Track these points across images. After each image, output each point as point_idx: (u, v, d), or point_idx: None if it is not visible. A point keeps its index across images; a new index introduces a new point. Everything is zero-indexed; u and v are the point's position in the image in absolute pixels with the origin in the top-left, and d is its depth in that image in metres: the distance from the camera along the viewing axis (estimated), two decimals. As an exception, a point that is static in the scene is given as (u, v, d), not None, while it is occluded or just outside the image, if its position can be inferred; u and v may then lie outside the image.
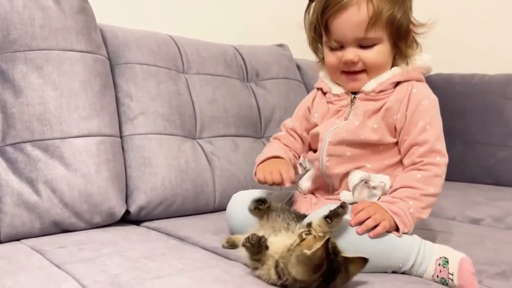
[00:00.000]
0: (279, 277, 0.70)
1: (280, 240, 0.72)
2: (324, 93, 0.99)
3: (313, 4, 0.95)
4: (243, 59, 1.51)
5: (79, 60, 1.06)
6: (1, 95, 0.97)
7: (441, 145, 0.88)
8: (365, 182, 0.87)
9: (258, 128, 1.45)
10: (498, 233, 1.13)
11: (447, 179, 1.95)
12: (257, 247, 0.70)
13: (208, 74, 1.38)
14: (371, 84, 0.92)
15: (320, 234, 0.72)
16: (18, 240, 0.93)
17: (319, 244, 0.66)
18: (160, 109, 1.22)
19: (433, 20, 0.92)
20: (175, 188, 1.16)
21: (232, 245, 0.87)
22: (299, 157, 1.02)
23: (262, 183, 0.89)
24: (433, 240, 1.02)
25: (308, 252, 0.66)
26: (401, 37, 0.91)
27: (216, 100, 1.35)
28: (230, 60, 1.46)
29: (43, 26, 1.03)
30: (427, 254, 0.79)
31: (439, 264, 0.77)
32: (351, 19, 0.88)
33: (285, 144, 1.01)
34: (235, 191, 1.02)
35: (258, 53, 1.57)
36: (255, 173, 0.92)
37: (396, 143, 0.91)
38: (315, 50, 0.99)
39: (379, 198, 0.87)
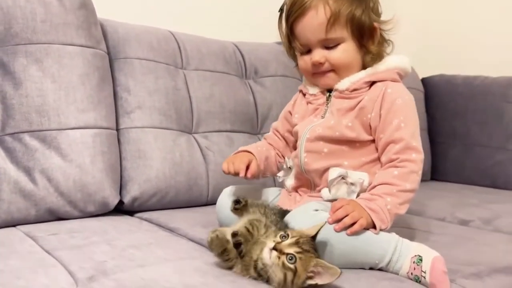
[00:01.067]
0: (260, 275, 0.73)
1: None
2: (304, 95, 1.03)
3: (283, 14, 0.99)
4: (242, 56, 1.54)
5: (79, 54, 1.10)
6: (1, 86, 1.01)
7: (417, 142, 0.90)
8: (343, 178, 0.89)
9: (254, 124, 1.48)
10: (484, 235, 1.14)
11: (443, 180, 1.99)
12: (219, 247, 0.73)
13: (207, 70, 1.41)
14: (344, 83, 0.95)
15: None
16: (14, 226, 0.97)
17: (320, 264, 0.71)
18: (157, 104, 1.25)
19: (397, 16, 0.95)
20: (169, 180, 1.20)
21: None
22: (283, 156, 1.06)
23: (225, 173, 0.96)
24: (416, 239, 1.05)
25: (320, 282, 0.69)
26: (365, 35, 0.94)
27: (213, 96, 1.38)
28: (229, 57, 1.49)
29: (44, 21, 1.07)
30: (403, 252, 0.82)
31: (413, 262, 0.80)
32: (311, 23, 0.92)
33: (270, 143, 1.08)
34: (228, 185, 1.05)
35: (258, 50, 1.59)
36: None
37: (373, 141, 0.94)
38: (292, 57, 1.04)
39: (358, 195, 0.89)
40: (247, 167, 0.95)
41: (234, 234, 0.75)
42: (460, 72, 2.01)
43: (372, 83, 0.94)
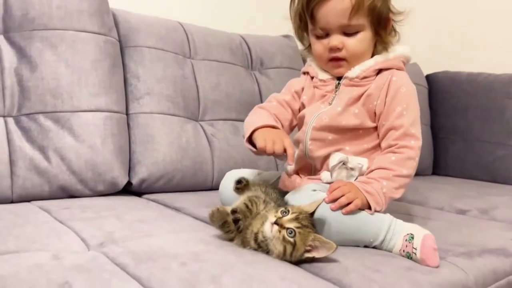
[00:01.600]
0: (260, 247, 0.77)
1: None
2: (311, 78, 1.05)
3: None
4: (249, 48, 1.58)
5: (91, 41, 1.15)
6: (18, 69, 1.06)
7: (416, 130, 0.93)
8: (343, 164, 0.93)
9: (259, 114, 1.52)
10: (479, 222, 1.18)
11: (444, 174, 2.02)
12: (219, 219, 0.78)
13: (214, 60, 1.46)
14: (355, 71, 0.98)
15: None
16: (28, 201, 1.03)
17: (317, 239, 0.75)
18: (165, 91, 1.30)
19: (409, 9, 0.98)
20: (175, 164, 1.24)
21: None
22: (286, 126, 1.03)
23: (261, 152, 0.86)
24: (415, 223, 1.08)
25: (317, 255, 0.74)
26: (381, 24, 0.97)
27: (220, 85, 1.43)
28: (235, 48, 1.53)
29: (59, 8, 1.12)
30: (397, 230, 0.86)
31: (405, 240, 0.84)
32: (336, 7, 0.93)
33: (275, 114, 1.01)
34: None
35: (264, 42, 1.64)
36: (249, 139, 0.91)
37: (375, 128, 0.97)
38: (301, 38, 1.05)
39: (356, 179, 0.93)
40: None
41: (233, 211, 0.80)
42: (465, 69, 2.04)
43: (379, 71, 0.97)
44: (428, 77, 2.10)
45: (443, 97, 2.05)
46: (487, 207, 1.34)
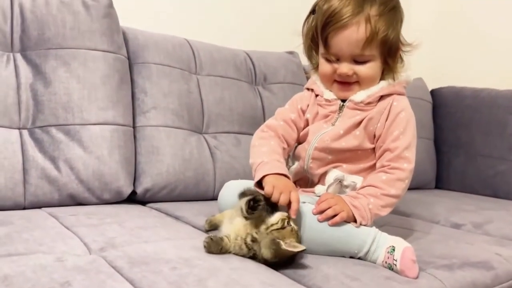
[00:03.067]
0: (249, 250, 0.83)
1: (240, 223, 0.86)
2: (316, 95, 1.07)
3: (314, 15, 1.01)
4: (252, 64, 1.65)
5: (101, 58, 1.23)
6: (34, 85, 1.15)
7: (409, 153, 0.98)
8: (340, 181, 0.98)
9: (261, 127, 1.59)
10: (470, 236, 1.21)
11: (447, 188, 2.05)
12: (216, 248, 0.83)
13: (218, 76, 1.53)
14: (360, 95, 1.01)
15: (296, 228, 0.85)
16: (39, 207, 1.10)
17: (293, 240, 0.81)
18: (171, 105, 1.37)
19: (418, 41, 1.02)
20: (178, 175, 1.31)
21: (215, 227, 1.00)
22: (292, 146, 1.07)
23: (268, 197, 0.88)
24: (403, 236, 1.13)
25: (283, 246, 0.79)
26: (391, 54, 1.00)
27: (223, 100, 1.49)
28: (240, 64, 1.60)
29: (72, 28, 1.20)
30: (380, 243, 0.90)
31: (388, 252, 0.88)
32: (350, 37, 0.95)
33: (282, 135, 1.04)
34: (232, 182, 1.14)
35: (268, 58, 1.70)
36: (259, 182, 0.92)
37: (373, 149, 1.02)
38: (309, 56, 1.09)
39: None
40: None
41: (257, 200, 0.84)
42: (469, 85, 2.07)
43: (381, 96, 1.02)
44: (432, 92, 2.14)
45: (447, 112, 2.08)
46: (482, 221, 1.37)
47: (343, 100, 1.04)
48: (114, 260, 0.75)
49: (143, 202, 1.29)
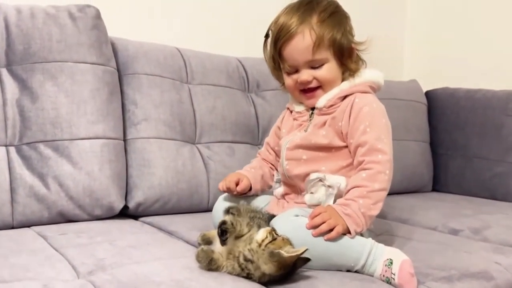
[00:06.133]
0: (242, 270, 0.81)
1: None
2: (291, 112, 1.13)
3: (268, 39, 1.10)
4: (245, 71, 1.63)
5: (90, 71, 1.21)
6: (20, 100, 1.12)
7: (382, 144, 0.97)
8: (320, 180, 0.98)
9: (255, 135, 1.57)
10: (468, 243, 1.19)
11: (444, 191, 2.03)
12: (205, 258, 0.82)
13: (211, 84, 1.50)
14: (321, 101, 1.05)
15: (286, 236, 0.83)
16: (28, 226, 1.08)
17: (290, 247, 0.79)
18: (162, 116, 1.35)
19: (370, 38, 1.07)
20: (171, 187, 1.29)
21: (207, 242, 0.98)
22: (276, 168, 1.17)
23: (220, 191, 1.09)
24: (399, 246, 1.11)
25: (285, 254, 0.77)
26: (344, 55, 1.04)
27: (216, 109, 1.47)
28: (232, 72, 1.58)
29: (59, 41, 1.18)
30: (377, 255, 0.88)
31: (385, 265, 0.87)
32: (299, 45, 1.02)
33: (263, 159, 1.19)
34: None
35: (261, 65, 1.67)
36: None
37: (346, 146, 1.03)
38: (277, 77, 1.14)
39: (335, 198, 0.97)
40: (237, 184, 1.06)
41: (224, 222, 0.84)
42: (464, 85, 2.05)
43: (345, 97, 1.04)
44: (427, 94, 2.13)
45: (442, 113, 2.06)
46: (480, 226, 1.35)
47: (313, 109, 1.08)
48: (103, 285, 0.73)
49: (135, 216, 1.26)
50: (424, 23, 2.30)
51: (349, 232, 0.89)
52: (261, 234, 0.81)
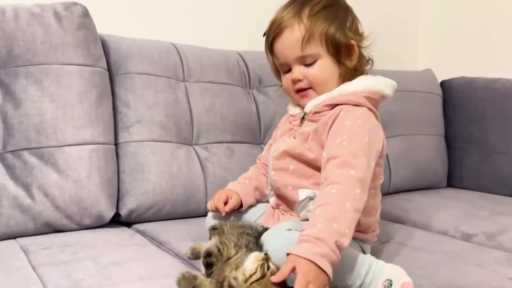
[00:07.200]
0: None
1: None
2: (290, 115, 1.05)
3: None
4: (246, 66, 1.55)
5: (76, 73, 1.15)
6: (3, 106, 1.08)
7: (357, 161, 0.83)
8: (311, 199, 0.89)
9: (257, 134, 1.49)
10: (480, 253, 1.11)
11: (460, 187, 1.93)
12: (187, 286, 0.76)
13: (208, 82, 1.43)
14: (308, 106, 0.96)
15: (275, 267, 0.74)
16: (14, 238, 1.04)
17: None
18: (156, 117, 1.29)
19: (370, 32, 0.97)
20: (166, 193, 1.23)
21: (196, 256, 0.93)
22: None
23: (210, 211, 1.04)
24: (405, 256, 1.04)
25: None
26: (342, 52, 0.95)
27: (214, 107, 1.40)
28: (232, 67, 1.50)
29: (43, 42, 1.12)
30: (376, 274, 0.81)
31: (384, 286, 0.80)
32: (287, 41, 0.95)
33: (264, 164, 1.10)
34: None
35: (262, 59, 1.56)
36: None
37: None
38: (278, 76, 1.05)
39: None
40: (226, 203, 1.00)
41: (208, 254, 0.78)
42: (482, 75, 1.94)
43: (334, 106, 0.92)
44: (443, 84, 2.02)
45: (458, 105, 1.95)
46: (496, 230, 1.27)
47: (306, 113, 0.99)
48: (72, 315, 0.68)
49: (129, 223, 1.22)
50: (439, 8, 2.17)
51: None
52: (251, 265, 0.73)
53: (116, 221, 1.20)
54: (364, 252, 0.94)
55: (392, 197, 1.66)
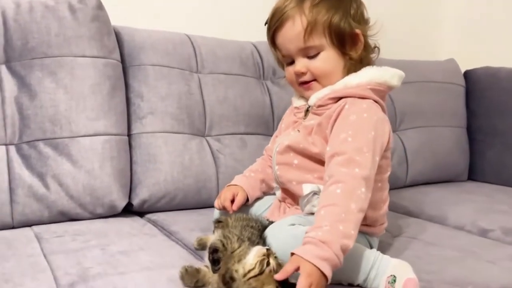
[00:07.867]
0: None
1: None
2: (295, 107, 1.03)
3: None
4: (260, 56, 1.54)
5: (90, 65, 1.17)
6: (19, 98, 1.10)
7: (362, 157, 0.81)
8: (315, 194, 0.88)
9: (270, 125, 1.49)
10: (495, 248, 1.09)
11: (481, 180, 1.89)
12: (190, 280, 0.76)
13: (222, 73, 1.43)
14: (312, 99, 0.94)
15: (279, 262, 0.73)
16: (29, 226, 1.07)
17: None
18: (169, 109, 1.30)
19: (376, 20, 0.93)
20: (177, 183, 1.25)
21: (203, 247, 0.94)
22: None
23: (217, 209, 1.03)
24: (417, 251, 1.02)
25: None
26: (346, 42, 0.92)
27: (227, 99, 1.40)
28: (246, 58, 1.50)
29: (58, 35, 1.14)
30: (380, 270, 0.80)
31: (388, 282, 0.79)
32: (289, 33, 0.92)
33: (270, 155, 1.06)
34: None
35: (277, 50, 1.58)
36: None
37: None
38: (283, 67, 1.03)
39: None
40: (233, 200, 1.00)
41: (215, 250, 0.78)
42: (508, 64, 1.87)
43: (339, 99, 0.91)
44: (466, 74, 1.96)
45: (481, 96, 1.90)
46: (514, 226, 1.23)
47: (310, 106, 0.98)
48: (77, 301, 0.70)
49: (141, 213, 1.24)
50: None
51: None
52: (251, 259, 0.72)
53: (129, 210, 1.22)
54: (371, 246, 0.94)
55: (408, 190, 1.63)
